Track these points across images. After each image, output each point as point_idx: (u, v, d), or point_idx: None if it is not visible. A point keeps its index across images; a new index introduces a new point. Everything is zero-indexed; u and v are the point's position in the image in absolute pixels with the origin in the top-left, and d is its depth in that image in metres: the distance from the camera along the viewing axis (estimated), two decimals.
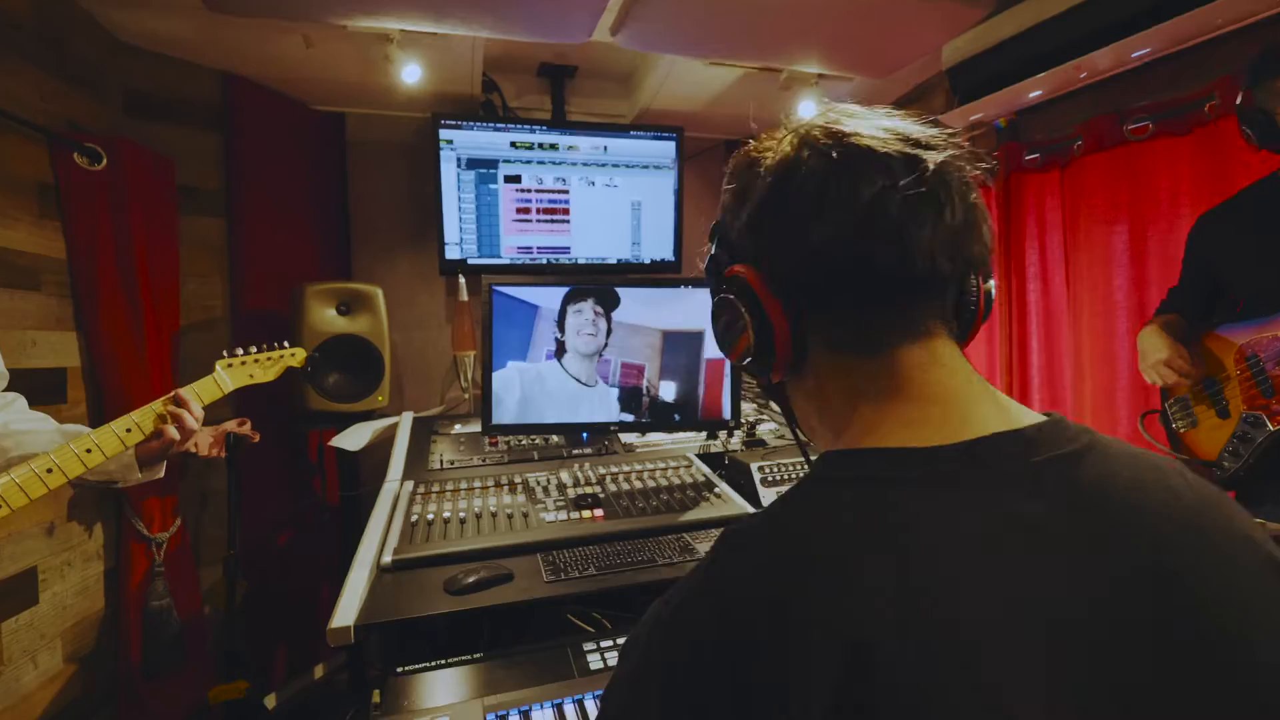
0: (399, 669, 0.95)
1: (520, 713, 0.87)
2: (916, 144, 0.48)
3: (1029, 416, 0.48)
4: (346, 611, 0.99)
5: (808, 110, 2.37)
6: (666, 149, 2.60)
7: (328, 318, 2.05)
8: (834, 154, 0.47)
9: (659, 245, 2.66)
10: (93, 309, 1.72)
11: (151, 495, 1.83)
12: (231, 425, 1.77)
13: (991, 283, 0.54)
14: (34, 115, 1.57)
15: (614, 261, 2.63)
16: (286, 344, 1.46)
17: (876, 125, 0.49)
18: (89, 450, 1.05)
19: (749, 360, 0.54)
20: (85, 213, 1.70)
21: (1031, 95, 2.04)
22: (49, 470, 1.00)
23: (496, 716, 0.86)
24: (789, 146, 0.50)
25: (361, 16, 1.64)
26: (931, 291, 0.49)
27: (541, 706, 0.88)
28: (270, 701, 2.17)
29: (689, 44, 1.87)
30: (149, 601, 1.82)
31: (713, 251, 0.57)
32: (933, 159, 0.46)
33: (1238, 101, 1.28)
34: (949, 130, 0.50)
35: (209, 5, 1.56)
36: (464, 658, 0.98)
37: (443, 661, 0.97)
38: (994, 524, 0.40)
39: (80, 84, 1.76)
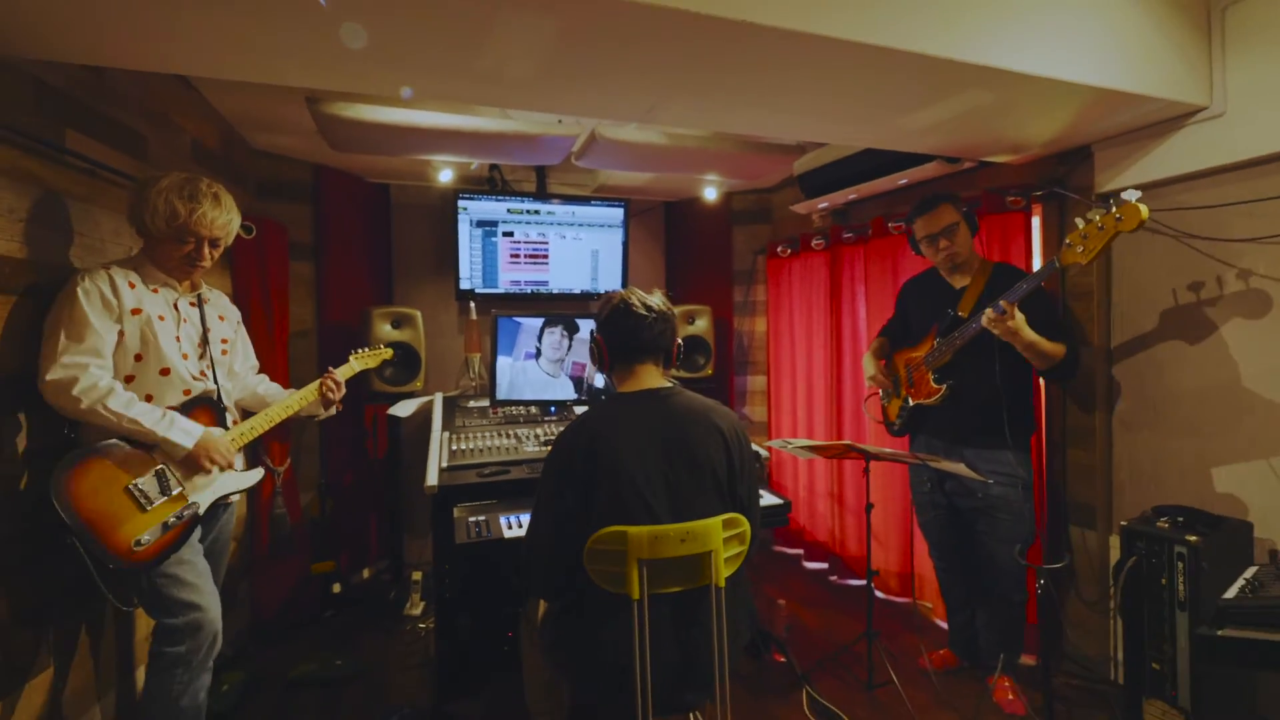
0: (457, 505, 2.03)
1: (516, 518, 1.95)
2: (649, 305, 1.57)
3: (664, 384, 1.56)
4: (431, 479, 2.06)
5: (710, 193, 3.49)
6: (617, 213, 3.70)
7: (386, 330, 3.10)
8: (622, 305, 1.57)
9: (611, 281, 3.74)
10: (245, 325, 2.76)
11: (275, 441, 2.87)
12: None
13: (680, 343, 1.63)
14: None
15: (578, 291, 3.71)
16: (383, 345, 2.50)
17: (639, 297, 1.58)
18: (302, 398, 2.10)
19: (598, 364, 1.61)
20: (244, 265, 2.75)
21: (850, 197, 3.17)
22: (286, 406, 2.05)
23: (506, 519, 1.95)
24: (616, 301, 1.58)
25: (421, 155, 2.71)
26: (654, 349, 1.57)
27: (526, 515, 1.97)
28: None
29: (625, 166, 2.98)
30: (273, 510, 2.86)
31: (594, 326, 1.64)
32: (653, 310, 1.56)
33: (909, 233, 2.38)
34: (669, 296, 1.61)
35: (333, 146, 2.62)
36: (487, 501, 2.06)
37: (477, 504, 2.05)
38: (644, 414, 1.48)
39: (235, 181, 2.80)
